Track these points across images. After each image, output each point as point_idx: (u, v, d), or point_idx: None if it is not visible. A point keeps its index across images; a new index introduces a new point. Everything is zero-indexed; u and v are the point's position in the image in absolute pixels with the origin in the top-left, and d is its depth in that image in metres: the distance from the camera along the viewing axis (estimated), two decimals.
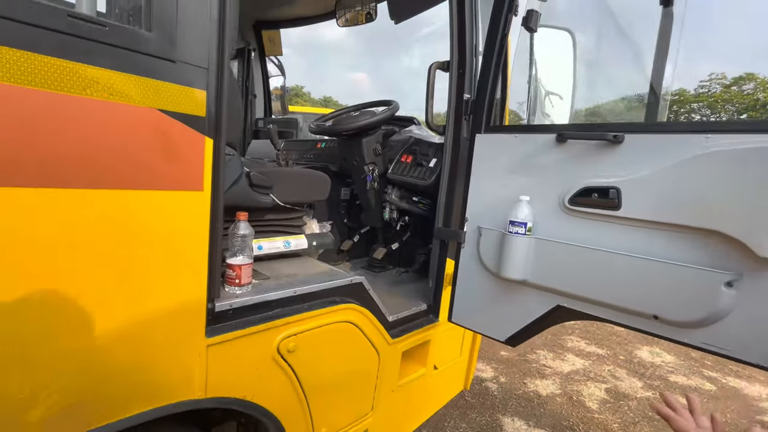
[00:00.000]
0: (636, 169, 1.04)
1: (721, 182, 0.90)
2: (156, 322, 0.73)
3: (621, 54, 1.21)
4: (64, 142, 0.58)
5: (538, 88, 1.59)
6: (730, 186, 0.89)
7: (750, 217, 0.86)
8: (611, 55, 1.30)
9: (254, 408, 0.95)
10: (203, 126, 0.74)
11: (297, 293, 1.02)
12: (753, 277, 0.89)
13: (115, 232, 0.65)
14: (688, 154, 0.96)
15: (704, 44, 53.52)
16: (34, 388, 0.61)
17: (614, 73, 1.28)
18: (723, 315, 0.94)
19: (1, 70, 0.52)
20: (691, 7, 0.94)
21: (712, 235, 0.93)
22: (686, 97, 39.19)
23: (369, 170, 1.68)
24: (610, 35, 1.24)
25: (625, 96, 1.14)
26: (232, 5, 0.78)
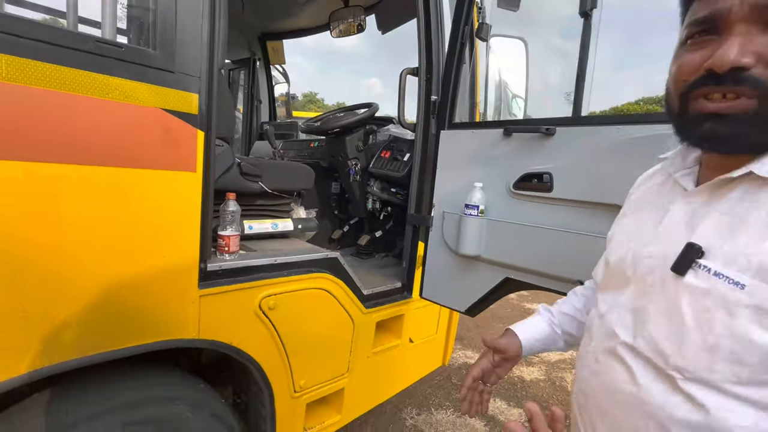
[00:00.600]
0: (565, 156, 1.21)
1: (626, 164, 1.07)
2: (159, 273, 0.94)
3: (557, 58, 1.39)
4: (93, 133, 0.81)
5: (504, 90, 1.78)
6: (632, 167, 1.06)
7: None
8: (550, 59, 1.48)
9: (239, 353, 1.15)
10: (196, 121, 0.96)
11: (277, 262, 1.23)
12: None
13: (129, 201, 0.87)
14: (604, 143, 1.13)
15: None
16: (67, 316, 0.83)
17: (554, 74, 1.46)
18: None
19: (50, 80, 0.74)
20: (603, 19, 1.12)
21: None
22: None
23: (352, 164, 1.88)
24: (550, 42, 1.41)
25: (561, 94, 1.32)
26: (221, 28, 1.00)
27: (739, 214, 0.47)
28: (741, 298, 0.44)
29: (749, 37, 0.44)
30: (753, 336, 0.43)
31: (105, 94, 0.81)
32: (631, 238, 0.61)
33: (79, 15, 0.96)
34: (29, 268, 0.76)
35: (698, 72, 0.48)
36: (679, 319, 0.49)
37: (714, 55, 0.45)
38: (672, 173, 0.59)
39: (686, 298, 0.49)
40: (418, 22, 1.60)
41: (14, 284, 0.75)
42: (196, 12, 0.94)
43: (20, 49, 0.71)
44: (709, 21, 0.47)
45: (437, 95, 1.60)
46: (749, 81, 0.44)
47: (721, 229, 0.48)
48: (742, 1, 0.44)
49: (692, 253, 0.49)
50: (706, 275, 0.47)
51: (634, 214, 0.66)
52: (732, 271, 0.45)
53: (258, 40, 3.09)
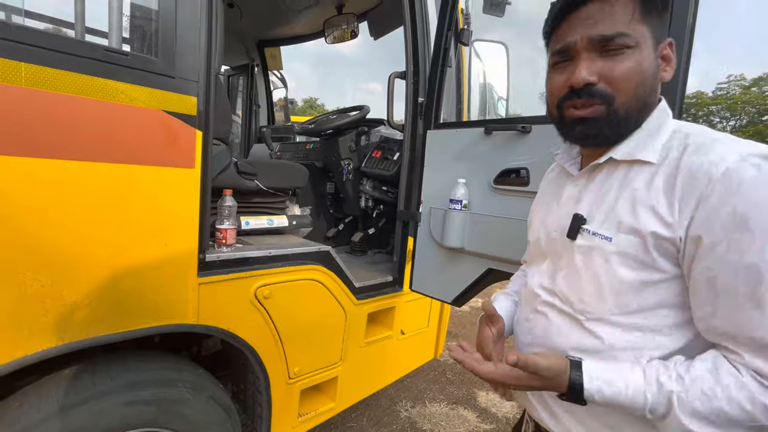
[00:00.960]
0: (540, 152, 1.29)
1: None
2: (162, 261, 1.03)
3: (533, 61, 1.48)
4: (102, 133, 0.89)
5: (489, 92, 1.87)
6: None
7: None
8: (527, 61, 1.57)
9: (237, 339, 1.23)
10: (194, 122, 1.05)
11: (272, 254, 1.31)
12: None
13: (134, 194, 0.95)
14: None
15: None
16: (79, 298, 0.91)
17: (531, 75, 1.55)
18: None
19: (62, 84, 0.83)
20: None
21: None
22: (704, 99, 38.45)
23: (345, 164, 1.97)
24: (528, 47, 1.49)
25: (538, 94, 1.40)
26: (217, 36, 1.09)
27: (604, 189, 0.64)
28: (611, 247, 0.59)
29: (592, 61, 0.59)
30: (622, 275, 0.58)
31: (112, 97, 0.90)
32: (541, 221, 0.76)
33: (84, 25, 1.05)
34: (48, 251, 0.85)
35: (564, 89, 0.63)
36: (576, 274, 0.64)
37: (571, 76, 0.61)
38: (562, 164, 0.75)
39: (579, 255, 0.64)
40: (405, 29, 1.69)
41: (34, 264, 0.83)
42: (194, 22, 1.03)
43: (37, 57, 0.80)
44: (564, 52, 0.62)
45: (424, 97, 1.69)
46: (597, 93, 0.59)
47: (595, 201, 0.64)
48: (582, 36, 0.59)
49: (578, 221, 0.64)
50: (588, 236, 0.63)
51: (541, 202, 0.81)
52: (603, 230, 0.61)
53: (256, 47, 3.20)
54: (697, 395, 0.51)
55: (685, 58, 0.96)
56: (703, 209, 0.52)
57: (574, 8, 0.60)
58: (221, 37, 1.13)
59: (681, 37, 0.98)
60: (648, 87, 0.60)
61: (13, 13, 1.15)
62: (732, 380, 0.50)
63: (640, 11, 0.58)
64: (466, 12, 1.79)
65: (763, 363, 0.49)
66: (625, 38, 0.57)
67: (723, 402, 0.50)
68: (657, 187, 0.57)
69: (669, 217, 0.55)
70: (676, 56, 0.63)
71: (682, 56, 0.98)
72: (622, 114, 0.59)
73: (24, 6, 1.07)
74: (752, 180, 0.49)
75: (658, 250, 0.56)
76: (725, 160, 0.51)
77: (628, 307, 0.58)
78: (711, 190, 0.51)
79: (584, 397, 0.56)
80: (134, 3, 1.06)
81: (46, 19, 1.51)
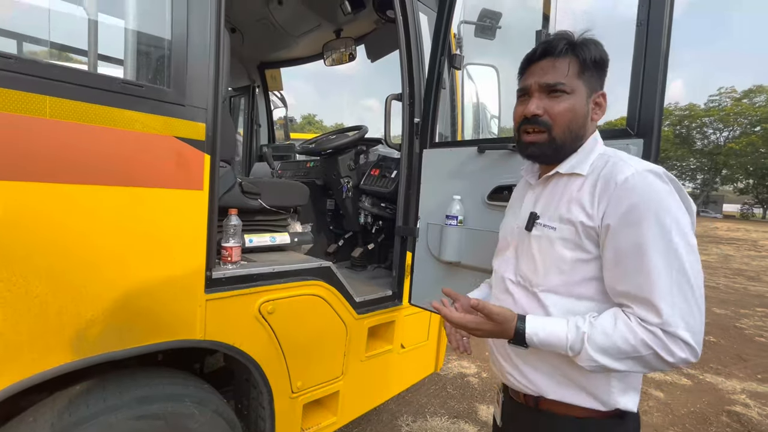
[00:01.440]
0: None
1: None
2: (171, 278, 1.08)
3: None
4: (118, 159, 0.95)
5: (483, 112, 1.95)
6: None
7: None
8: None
9: (242, 354, 1.27)
10: (203, 146, 1.11)
11: (275, 270, 1.36)
12: None
13: (146, 214, 1.01)
14: None
15: None
16: (94, 315, 0.96)
17: None
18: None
19: (84, 115, 0.89)
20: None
21: None
22: (696, 111, 39.05)
23: (345, 182, 2.04)
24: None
25: None
26: (224, 66, 1.17)
27: (553, 193, 0.87)
28: (555, 234, 0.82)
29: (540, 100, 0.83)
30: (564, 254, 0.80)
31: (129, 125, 0.96)
32: (510, 219, 1.00)
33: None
34: (68, 270, 0.90)
35: (521, 116, 0.86)
36: (533, 258, 0.86)
37: (526, 109, 0.84)
38: (526, 177, 0.98)
39: (534, 243, 0.86)
40: (400, 53, 1.78)
41: (54, 283, 0.88)
42: (203, 54, 1.10)
43: (61, 91, 0.87)
44: (524, 90, 0.87)
45: (419, 118, 1.77)
46: (541, 123, 0.83)
47: (546, 203, 0.87)
48: (535, 81, 0.83)
49: (533, 217, 0.87)
50: (540, 227, 0.85)
51: (510, 207, 1.05)
52: (550, 222, 0.83)
53: (257, 69, 3.31)
54: (600, 334, 0.71)
55: (660, 87, 1.04)
56: (611, 205, 0.73)
57: (534, 62, 0.85)
58: (227, 66, 1.20)
59: (656, 65, 1.07)
60: (579, 123, 0.83)
61: (38, 44, 1.23)
62: (623, 324, 0.71)
63: (577, 69, 0.81)
64: (458, 36, 1.89)
65: (645, 312, 0.69)
66: (563, 86, 0.81)
67: (617, 338, 0.70)
68: (585, 190, 0.79)
69: (591, 210, 0.77)
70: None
71: (658, 83, 1.06)
72: (559, 141, 0.83)
73: (50, 38, 1.14)
74: (638, 184, 0.72)
75: (585, 235, 0.78)
76: (625, 172, 0.74)
77: (569, 279, 0.80)
78: (615, 191, 0.74)
79: (526, 340, 0.76)
80: (148, 36, 1.13)
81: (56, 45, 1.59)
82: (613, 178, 0.75)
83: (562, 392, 0.83)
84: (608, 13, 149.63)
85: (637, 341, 0.68)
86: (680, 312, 0.67)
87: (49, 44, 1.26)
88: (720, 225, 22.63)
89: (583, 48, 0.81)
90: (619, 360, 0.70)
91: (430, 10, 1.86)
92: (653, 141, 1.09)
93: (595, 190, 0.77)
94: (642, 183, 0.72)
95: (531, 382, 0.86)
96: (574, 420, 0.82)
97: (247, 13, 2.58)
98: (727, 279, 7.76)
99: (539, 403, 0.86)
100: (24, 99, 0.82)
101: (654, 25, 1.07)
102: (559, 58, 0.81)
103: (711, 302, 5.74)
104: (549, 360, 0.83)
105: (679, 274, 0.68)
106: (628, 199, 0.71)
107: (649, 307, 0.68)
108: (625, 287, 0.72)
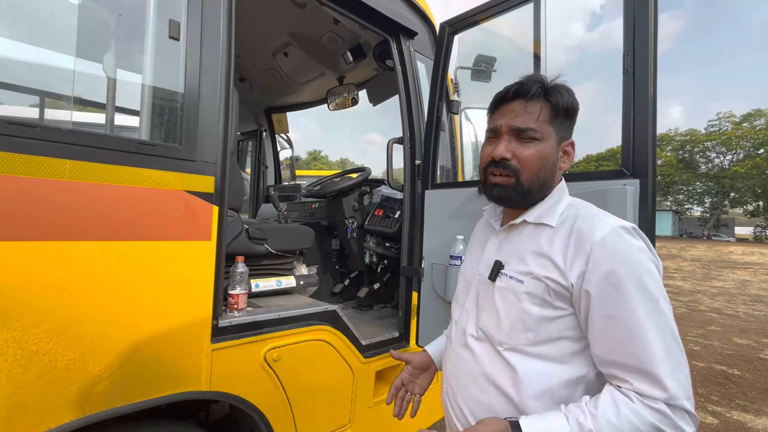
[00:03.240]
0: None
1: None
2: (178, 329, 1.08)
3: None
4: (131, 216, 1.00)
5: None
6: None
7: None
8: None
9: (247, 405, 1.25)
10: (212, 198, 1.15)
11: (281, 316, 1.36)
12: None
13: (155, 267, 1.04)
14: None
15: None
16: (101, 370, 0.96)
17: None
18: None
19: (101, 175, 0.95)
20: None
21: None
22: (698, 136, 39.39)
23: (349, 223, 2.07)
24: None
25: None
26: (232, 122, 1.23)
27: (518, 242, 0.83)
28: (521, 288, 0.76)
29: (510, 143, 0.80)
30: (530, 310, 0.75)
31: (141, 182, 1.01)
32: (471, 264, 0.94)
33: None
34: (78, 326, 0.92)
35: (489, 158, 0.83)
36: (496, 310, 0.80)
37: (494, 150, 0.81)
38: (488, 219, 0.95)
39: (498, 294, 0.80)
40: (399, 99, 1.86)
41: (64, 339, 0.90)
42: (213, 113, 1.17)
43: (80, 154, 0.92)
44: (494, 130, 0.83)
45: (420, 159, 1.82)
46: (509, 167, 0.79)
47: (511, 251, 0.83)
48: (504, 124, 0.81)
49: (498, 266, 0.82)
50: (505, 278, 0.80)
51: (471, 250, 1.00)
52: (517, 274, 0.78)
53: (264, 114, 3.46)
54: (606, 425, 0.63)
55: (651, 130, 1.08)
56: (590, 270, 0.69)
57: (506, 102, 0.83)
58: (236, 121, 1.27)
59: (645, 110, 1.11)
60: (547, 170, 0.80)
61: (62, 99, 1.31)
62: (626, 408, 0.64)
63: (548, 115, 0.79)
64: (455, 81, 1.98)
65: (647, 387, 0.64)
66: (533, 132, 0.78)
67: (624, 425, 0.63)
68: (556, 245, 0.75)
69: (563, 267, 0.73)
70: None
71: (648, 126, 1.10)
72: (526, 187, 0.79)
73: (73, 93, 1.22)
74: (616, 245, 0.69)
75: (555, 293, 0.74)
76: (601, 230, 0.71)
77: (536, 338, 0.75)
78: (592, 252, 0.70)
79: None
80: (162, 98, 1.21)
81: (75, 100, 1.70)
82: (589, 236, 0.71)
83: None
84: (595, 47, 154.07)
85: (645, 425, 0.62)
86: (680, 383, 0.64)
87: (72, 100, 1.34)
88: (734, 249, 22.18)
89: (556, 93, 0.79)
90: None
91: (427, 59, 1.96)
92: (649, 181, 1.12)
93: (568, 246, 0.73)
94: (620, 243, 0.69)
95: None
96: None
97: (255, 64, 2.74)
98: (747, 306, 7.51)
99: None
100: (45, 163, 0.88)
101: (640, 73, 1.12)
102: (531, 101, 0.79)
103: (732, 331, 5.53)
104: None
105: (671, 338, 0.66)
106: (609, 262, 0.68)
107: (652, 381, 0.64)
108: (619, 357, 0.67)
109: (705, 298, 8.19)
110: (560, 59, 20.89)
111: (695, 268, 14.10)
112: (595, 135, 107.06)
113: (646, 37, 1.12)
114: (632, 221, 1.03)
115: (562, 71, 0.85)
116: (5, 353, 0.83)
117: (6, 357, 0.83)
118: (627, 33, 1.15)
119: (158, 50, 1.15)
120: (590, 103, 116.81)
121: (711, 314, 6.62)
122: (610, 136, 30.50)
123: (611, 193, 1.17)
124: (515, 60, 1.98)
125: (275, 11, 2.13)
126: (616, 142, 13.86)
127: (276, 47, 2.50)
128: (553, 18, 1.61)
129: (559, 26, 21.67)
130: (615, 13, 15.57)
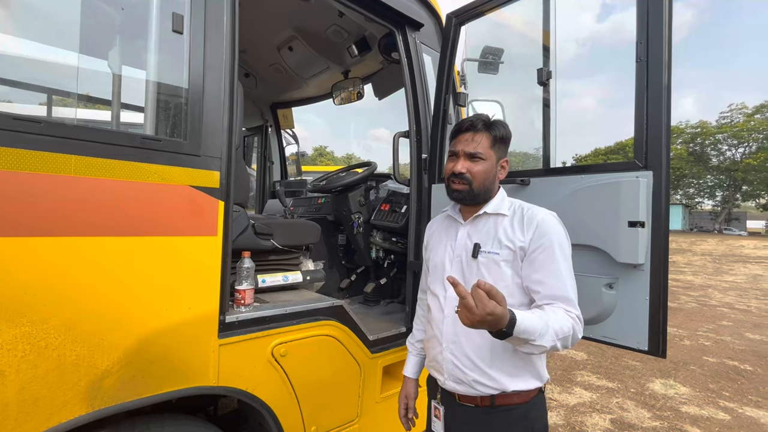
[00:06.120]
0: (539, 203, 1.35)
1: (589, 208, 1.21)
2: (185, 324, 1.08)
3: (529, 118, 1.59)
4: (136, 211, 0.99)
5: None
6: (594, 210, 1.19)
7: (605, 232, 1.16)
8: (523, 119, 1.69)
9: (255, 399, 1.25)
10: (217, 193, 1.15)
11: (288, 311, 1.36)
12: (624, 279, 1.17)
13: (163, 262, 1.04)
14: (570, 190, 1.28)
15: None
16: (109, 365, 0.96)
17: (526, 132, 1.65)
18: (611, 311, 1.19)
19: (106, 171, 0.94)
20: (559, 87, 1.32)
21: (592, 249, 1.22)
22: (708, 129, 38.67)
23: (356, 218, 2.06)
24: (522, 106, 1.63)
25: (536, 149, 1.50)
26: (237, 116, 1.22)
27: (486, 228, 1.14)
28: (499, 258, 1.09)
29: (465, 161, 1.13)
30: (506, 272, 1.08)
31: (147, 178, 1.01)
32: (441, 252, 1.23)
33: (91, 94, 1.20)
34: (86, 321, 0.92)
35: (450, 172, 1.15)
36: (482, 276, 1.08)
37: (454, 166, 1.13)
38: (452, 215, 1.24)
39: (482, 266, 1.11)
40: (405, 92, 1.84)
41: (73, 334, 0.90)
42: (218, 107, 1.16)
43: (85, 150, 0.92)
44: (454, 153, 1.16)
45: (427, 153, 1.80)
46: (464, 178, 1.12)
47: (482, 236, 1.14)
48: (461, 149, 1.13)
49: (477, 246, 1.12)
50: (485, 254, 1.11)
51: (436, 243, 1.27)
52: (493, 249, 1.10)
53: (269, 109, 3.44)
54: (553, 317, 0.95)
55: (665, 119, 1.05)
56: (535, 237, 1.05)
57: (462, 132, 1.16)
58: (241, 116, 1.26)
59: (659, 97, 1.08)
60: (490, 180, 1.14)
61: (67, 96, 1.31)
62: (563, 313, 0.99)
63: (490, 142, 1.13)
64: (462, 74, 1.95)
65: (567, 306, 1.01)
66: (480, 155, 1.12)
67: (564, 324, 0.95)
68: (515, 225, 1.10)
69: (521, 236, 1.07)
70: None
71: (662, 115, 1.07)
72: (476, 191, 1.13)
73: (77, 89, 1.22)
74: (549, 223, 1.07)
75: (520, 255, 1.07)
76: (540, 215, 1.09)
77: (512, 294, 1.06)
78: (537, 227, 1.06)
79: (514, 327, 0.87)
80: (166, 93, 1.20)
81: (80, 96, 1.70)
82: (534, 218, 1.08)
83: (518, 383, 1.07)
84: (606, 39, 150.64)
85: (570, 325, 0.97)
86: (577, 305, 1.03)
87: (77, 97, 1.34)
88: (746, 243, 21.82)
89: (494, 127, 1.14)
90: (562, 340, 0.95)
91: (434, 51, 1.93)
92: (663, 173, 1.09)
93: (522, 225, 1.09)
94: (550, 222, 1.08)
95: (496, 382, 1.07)
96: (521, 407, 1.07)
97: (260, 59, 2.72)
98: (759, 301, 7.39)
99: (495, 401, 1.08)
100: (50, 159, 0.87)
101: (654, 62, 1.09)
102: (477, 133, 1.13)
103: (743, 326, 5.45)
104: (507, 358, 1.07)
105: (572, 277, 1.05)
106: (545, 233, 1.06)
107: (568, 302, 1.02)
108: (553, 291, 1.02)
109: (716, 293, 8.07)
110: (570, 51, 20.21)
111: (706, 263, 13.90)
112: (605, 128, 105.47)
113: (661, 23, 1.08)
114: (645, 214, 1.04)
115: (572, 63, 0.86)
116: (15, 348, 0.84)
117: (15, 352, 0.84)
118: (640, 20, 1.12)
119: (162, 46, 1.14)
120: (600, 95, 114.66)
121: (722, 309, 6.53)
122: (619, 129, 29.90)
123: (623, 185, 1.15)
124: (524, 52, 1.94)
125: (279, 5, 2.11)
126: (625, 135, 13.63)
127: (280, 42, 2.48)
128: (562, 8, 1.57)
129: (569, 17, 21.02)
130: (627, 3, 14.76)
